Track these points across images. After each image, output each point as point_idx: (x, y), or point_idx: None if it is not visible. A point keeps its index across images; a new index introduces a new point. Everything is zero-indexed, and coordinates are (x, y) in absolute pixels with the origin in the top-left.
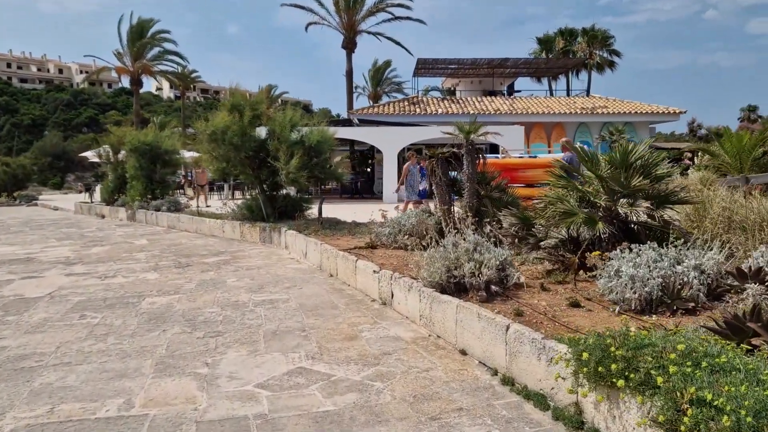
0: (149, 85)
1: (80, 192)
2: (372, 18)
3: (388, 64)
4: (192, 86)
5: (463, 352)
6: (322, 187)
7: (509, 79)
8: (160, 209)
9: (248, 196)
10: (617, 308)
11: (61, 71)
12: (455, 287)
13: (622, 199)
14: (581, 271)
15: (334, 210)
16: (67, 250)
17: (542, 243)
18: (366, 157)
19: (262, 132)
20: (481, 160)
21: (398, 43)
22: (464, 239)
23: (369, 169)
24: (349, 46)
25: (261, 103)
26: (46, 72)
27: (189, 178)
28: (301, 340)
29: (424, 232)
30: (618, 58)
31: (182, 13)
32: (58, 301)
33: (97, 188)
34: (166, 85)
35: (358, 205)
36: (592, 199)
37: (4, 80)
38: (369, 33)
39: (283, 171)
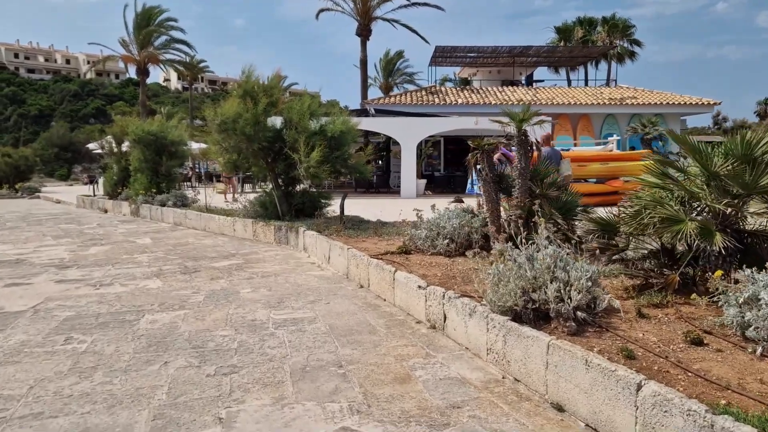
0: (157, 76)
1: (85, 184)
2: (388, 4)
3: (400, 54)
4: (200, 77)
5: (559, 408)
6: (334, 180)
7: (528, 69)
8: (165, 204)
9: (258, 190)
10: (759, 349)
11: (68, 62)
12: (533, 314)
13: (745, 202)
14: (680, 291)
15: (351, 206)
16: (63, 250)
17: (625, 254)
18: (381, 150)
19: (276, 122)
20: (535, 153)
21: (414, 31)
22: (533, 249)
23: (381, 162)
24: (364, 33)
25: (276, 88)
26: (53, 62)
27: (196, 170)
28: (338, 381)
29: (468, 237)
30: (639, 48)
31: (188, 6)
32: (42, 318)
33: (100, 181)
34: (173, 76)
35: (376, 200)
36: (704, 202)
37: (11, 70)
38: (384, 20)
39: (302, 164)
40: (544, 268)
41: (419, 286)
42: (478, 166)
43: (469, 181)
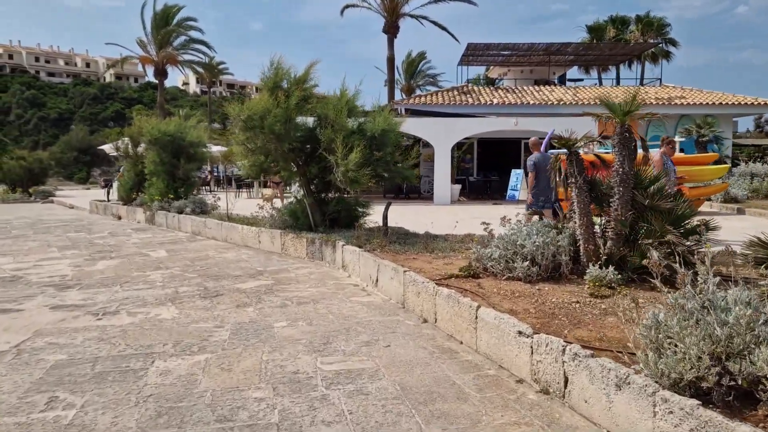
0: (175, 79)
1: (103, 187)
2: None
3: (422, 56)
4: (218, 81)
5: None
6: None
7: (561, 69)
8: (183, 211)
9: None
10: None
11: (88, 65)
12: (729, 393)
13: None
14: None
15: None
16: (67, 264)
17: None
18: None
19: (307, 121)
20: (640, 154)
21: (443, 28)
22: (703, 292)
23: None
24: (391, 30)
25: (309, 81)
26: (73, 66)
27: (215, 174)
28: None
29: (554, 258)
30: (674, 47)
31: (205, 10)
32: (24, 363)
33: (115, 185)
34: (192, 79)
35: (408, 207)
36: None
37: (32, 74)
38: (412, 16)
39: (339, 167)
40: (744, 323)
41: (520, 332)
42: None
43: (510, 186)
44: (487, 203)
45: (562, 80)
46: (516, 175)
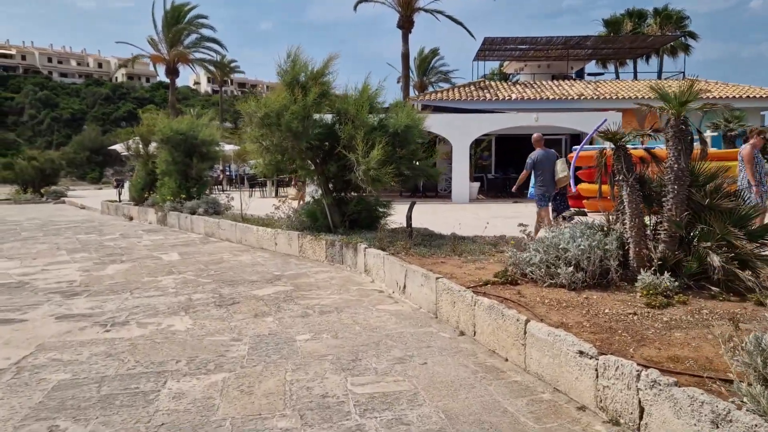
0: (186, 78)
1: (115, 187)
2: None
3: (435, 52)
4: (229, 80)
5: None
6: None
7: (579, 63)
8: (195, 212)
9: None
10: None
11: (100, 65)
12: None
13: None
14: None
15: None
16: (76, 268)
17: None
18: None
19: (324, 117)
20: (696, 147)
21: (459, 23)
22: None
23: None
24: (405, 25)
25: (327, 75)
26: (85, 66)
27: (227, 173)
28: None
29: (601, 263)
30: (694, 41)
31: (215, 9)
32: (24, 384)
33: (126, 185)
34: (203, 79)
35: (426, 206)
36: None
37: (44, 75)
38: (426, 11)
39: (360, 166)
40: None
41: (581, 352)
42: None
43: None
44: (507, 201)
45: (580, 75)
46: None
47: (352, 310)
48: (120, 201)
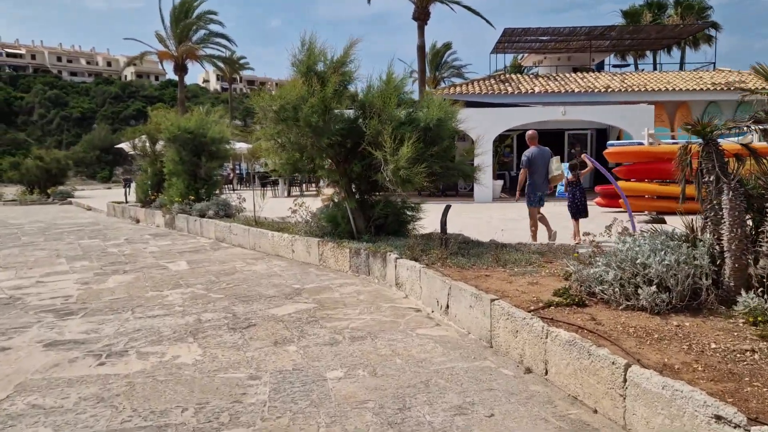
0: (195, 76)
1: (125, 187)
2: None
3: (447, 46)
4: (238, 78)
5: None
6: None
7: (601, 55)
8: (205, 214)
9: (311, 192)
10: None
11: (109, 64)
12: None
13: None
14: None
15: (426, 215)
16: (75, 280)
17: None
18: None
19: (344, 111)
20: None
21: (477, 13)
22: None
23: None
24: (421, 17)
25: (348, 64)
26: (95, 65)
27: (237, 172)
28: None
29: (690, 282)
30: (716, 31)
31: (224, 7)
32: None
33: (132, 185)
34: (212, 77)
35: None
36: None
37: (54, 74)
38: (443, 2)
39: (388, 165)
40: None
41: (718, 417)
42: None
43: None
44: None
45: (600, 68)
46: (567, 170)
47: (388, 336)
48: (127, 202)
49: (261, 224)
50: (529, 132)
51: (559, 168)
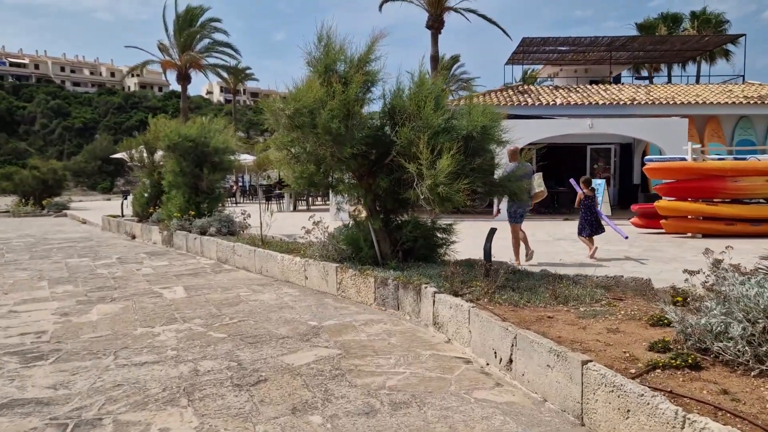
0: (199, 88)
1: (124, 199)
2: None
3: (455, 59)
4: (242, 90)
5: None
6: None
7: (619, 67)
8: (206, 231)
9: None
10: None
11: (113, 74)
12: None
13: None
14: None
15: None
16: (53, 310)
17: None
18: None
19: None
20: None
21: (494, 22)
22: None
23: None
24: (435, 25)
25: (371, 63)
26: (98, 75)
27: (240, 185)
28: None
29: None
30: (734, 46)
31: (230, 20)
32: None
33: (129, 198)
34: (216, 88)
35: (469, 224)
36: None
37: (57, 84)
38: (457, 11)
39: (425, 180)
40: None
41: None
42: None
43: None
44: (556, 219)
45: (617, 81)
46: (596, 186)
47: (438, 401)
48: (123, 216)
49: (268, 244)
50: (510, 147)
51: (541, 185)
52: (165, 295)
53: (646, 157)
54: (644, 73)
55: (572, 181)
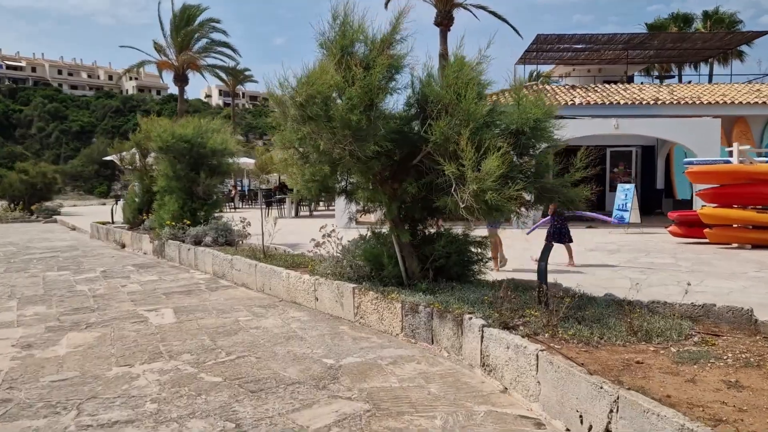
0: (197, 91)
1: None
2: None
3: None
4: (241, 93)
5: None
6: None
7: (635, 67)
8: (201, 241)
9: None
10: None
11: (111, 78)
12: None
13: None
14: None
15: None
16: (15, 340)
17: None
18: None
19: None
20: None
21: (504, 20)
22: None
23: None
24: (444, 22)
25: (396, 44)
26: (96, 79)
27: (239, 188)
28: None
29: None
30: (748, 47)
31: (229, 24)
32: None
33: (120, 203)
34: (215, 92)
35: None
36: None
37: (54, 87)
38: (466, 8)
39: (469, 184)
40: None
41: None
42: None
43: (617, 206)
44: (579, 226)
45: (629, 81)
46: (625, 192)
47: None
48: (113, 222)
49: (271, 257)
50: None
51: None
52: (151, 320)
53: (685, 159)
54: (654, 74)
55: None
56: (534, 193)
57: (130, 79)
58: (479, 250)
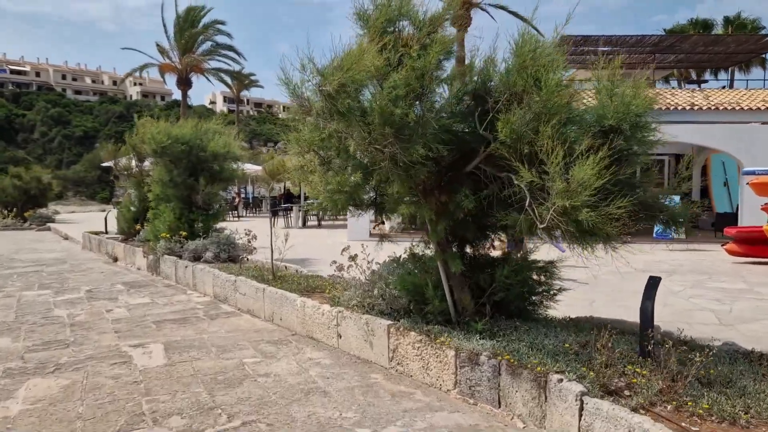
0: (202, 98)
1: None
2: None
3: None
4: (246, 99)
5: None
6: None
7: (660, 72)
8: (201, 257)
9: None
10: None
11: (115, 83)
12: None
13: None
14: None
15: None
16: None
17: None
18: None
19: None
20: None
21: (525, 20)
22: None
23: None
24: (462, 23)
25: (445, 26)
26: (100, 84)
27: (243, 196)
28: None
29: None
30: None
31: (232, 27)
32: None
33: (114, 211)
34: (219, 98)
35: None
36: None
37: (58, 92)
38: (483, 9)
39: (553, 198)
40: None
41: None
42: None
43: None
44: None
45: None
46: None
47: None
48: (107, 232)
49: (281, 279)
50: None
51: None
52: (135, 359)
53: (745, 168)
54: (672, 81)
55: None
56: (636, 210)
57: (135, 84)
58: (547, 280)
